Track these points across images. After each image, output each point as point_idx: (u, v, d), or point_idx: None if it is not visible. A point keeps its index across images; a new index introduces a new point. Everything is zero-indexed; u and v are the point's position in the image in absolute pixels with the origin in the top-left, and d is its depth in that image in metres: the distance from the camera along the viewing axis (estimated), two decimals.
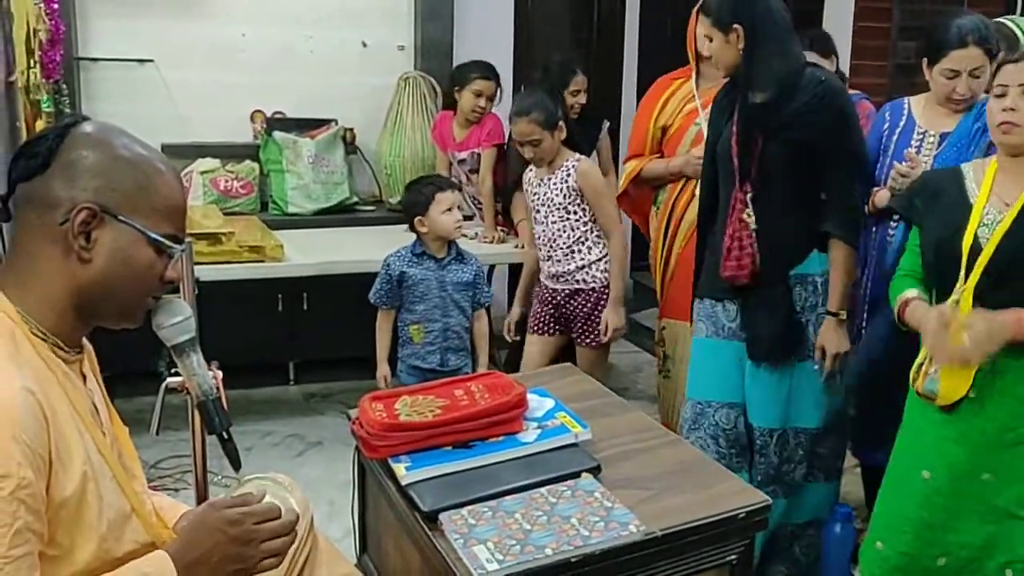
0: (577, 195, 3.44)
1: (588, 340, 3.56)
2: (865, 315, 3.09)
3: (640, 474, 1.99)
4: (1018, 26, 3.09)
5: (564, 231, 3.49)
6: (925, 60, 2.92)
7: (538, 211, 3.55)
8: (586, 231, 3.49)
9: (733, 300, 2.73)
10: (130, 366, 3.02)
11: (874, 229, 3.10)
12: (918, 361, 2.34)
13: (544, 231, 3.55)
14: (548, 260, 3.57)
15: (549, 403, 2.16)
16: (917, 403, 2.36)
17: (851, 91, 3.92)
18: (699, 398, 2.79)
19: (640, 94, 5.80)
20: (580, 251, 3.50)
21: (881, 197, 2.94)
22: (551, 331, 3.64)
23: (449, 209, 3.32)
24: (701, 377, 2.81)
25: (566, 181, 3.45)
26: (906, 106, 3.07)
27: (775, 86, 2.62)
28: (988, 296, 2.19)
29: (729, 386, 2.74)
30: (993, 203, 2.26)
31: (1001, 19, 3.19)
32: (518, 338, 3.78)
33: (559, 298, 3.57)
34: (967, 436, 2.26)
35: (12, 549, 1.24)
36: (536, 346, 3.67)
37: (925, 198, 2.40)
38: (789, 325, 2.66)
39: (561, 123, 3.47)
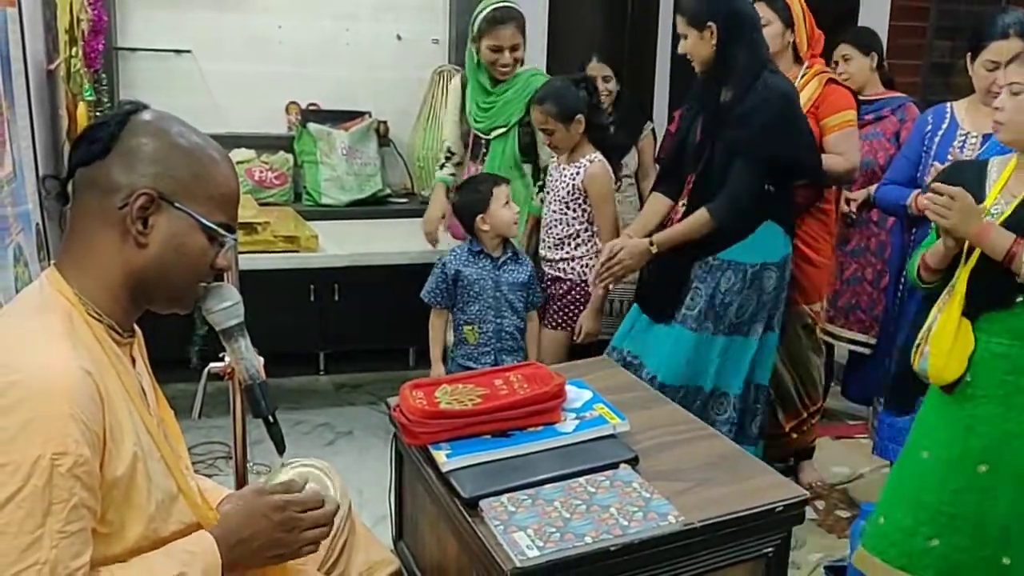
0: (580, 194, 3.41)
1: (552, 322, 3.53)
2: (898, 304, 3.10)
3: (677, 466, 2.00)
4: None
5: (559, 223, 3.47)
6: (968, 56, 2.93)
7: (546, 195, 3.56)
8: (580, 229, 3.46)
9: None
10: (162, 353, 3.07)
11: (914, 231, 3.11)
12: (916, 341, 2.37)
13: (545, 216, 3.54)
14: (542, 243, 3.57)
15: (587, 394, 2.17)
16: (932, 385, 2.39)
17: (896, 94, 3.92)
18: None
19: (672, 97, 5.84)
20: (568, 244, 3.48)
21: (923, 199, 2.95)
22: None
23: (507, 203, 3.31)
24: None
25: (574, 178, 3.41)
26: (948, 110, 3.08)
27: (738, 85, 2.85)
28: (980, 280, 2.23)
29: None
30: (1003, 195, 2.30)
31: None
32: None
33: (545, 281, 3.56)
34: (962, 419, 2.28)
35: (68, 524, 1.27)
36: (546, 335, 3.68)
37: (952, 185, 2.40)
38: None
39: (580, 117, 3.39)
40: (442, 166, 3.88)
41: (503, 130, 3.67)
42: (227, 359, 1.92)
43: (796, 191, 3.20)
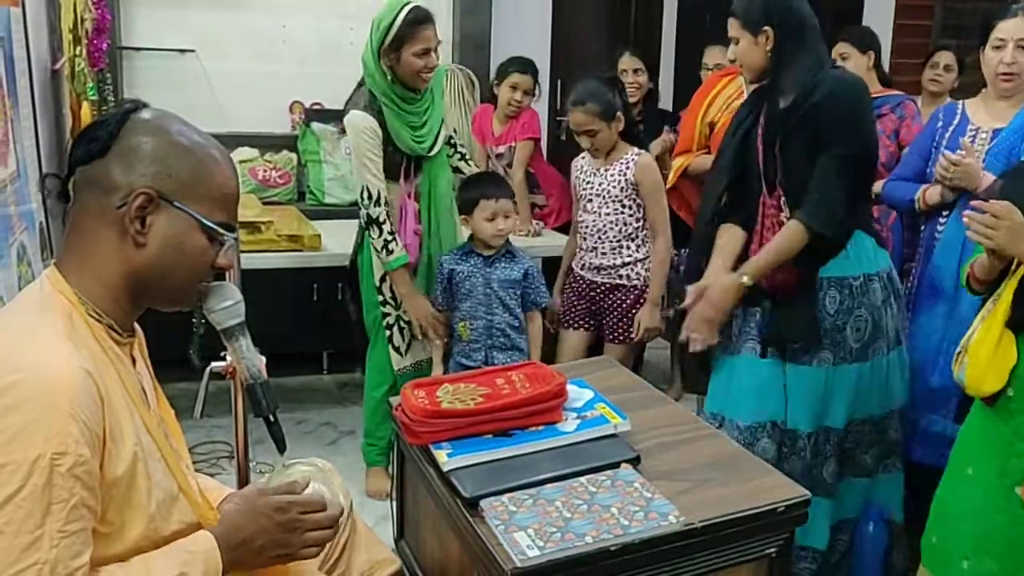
0: (634, 189, 3.42)
1: (619, 336, 3.55)
2: (910, 311, 3.08)
3: (679, 466, 1.99)
4: None
5: (616, 224, 3.47)
6: (980, 50, 2.93)
7: (590, 201, 3.52)
8: (637, 227, 3.48)
9: (760, 304, 2.70)
10: (162, 353, 3.07)
11: (923, 227, 3.11)
12: (957, 349, 2.27)
13: (595, 222, 3.51)
14: (592, 251, 3.54)
15: (588, 394, 2.16)
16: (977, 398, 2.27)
17: (894, 92, 3.92)
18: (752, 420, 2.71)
19: (678, 90, 5.84)
20: (628, 247, 3.48)
21: (931, 194, 2.96)
22: (585, 326, 3.63)
23: (491, 218, 3.25)
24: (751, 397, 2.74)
25: (624, 174, 3.42)
26: (959, 107, 3.09)
27: (798, 89, 2.58)
28: None
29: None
30: None
31: None
32: (555, 331, 3.77)
33: (596, 292, 3.55)
34: (1001, 435, 2.18)
35: (68, 524, 1.27)
36: (570, 341, 3.65)
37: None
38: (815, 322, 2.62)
39: (620, 114, 3.42)
40: (388, 243, 3.25)
41: (440, 143, 3.39)
42: (228, 358, 1.92)
43: None
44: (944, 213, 2.94)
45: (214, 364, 1.99)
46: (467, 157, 3.66)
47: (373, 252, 3.35)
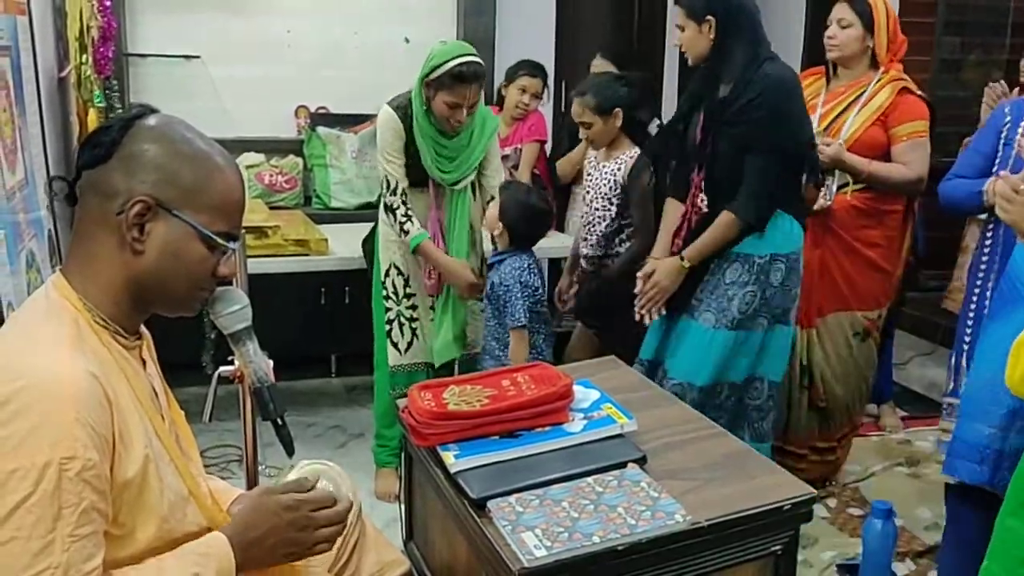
0: (622, 189, 3.44)
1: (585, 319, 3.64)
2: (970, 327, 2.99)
3: (685, 465, 2.00)
4: None
5: (603, 220, 3.51)
6: None
7: (587, 192, 3.57)
8: (624, 224, 3.50)
9: None
10: (174, 357, 3.09)
11: (990, 226, 3.05)
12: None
13: (587, 214, 3.56)
14: (584, 242, 3.60)
15: (595, 394, 2.17)
16: None
17: None
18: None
19: (681, 90, 5.82)
20: (613, 242, 3.52)
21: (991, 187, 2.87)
22: (588, 323, 3.66)
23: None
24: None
25: (615, 174, 3.45)
26: None
27: (736, 79, 2.78)
28: None
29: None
30: None
31: None
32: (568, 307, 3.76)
33: (577, 277, 3.62)
34: None
35: (79, 528, 1.28)
36: (578, 333, 3.73)
37: None
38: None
39: (618, 111, 3.43)
40: (403, 224, 3.30)
41: (470, 178, 3.39)
42: (236, 362, 1.93)
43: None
44: None
45: (222, 368, 2.00)
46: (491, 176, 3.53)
47: (383, 245, 3.40)
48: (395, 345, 3.45)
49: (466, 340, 3.50)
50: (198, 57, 4.73)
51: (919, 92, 3.37)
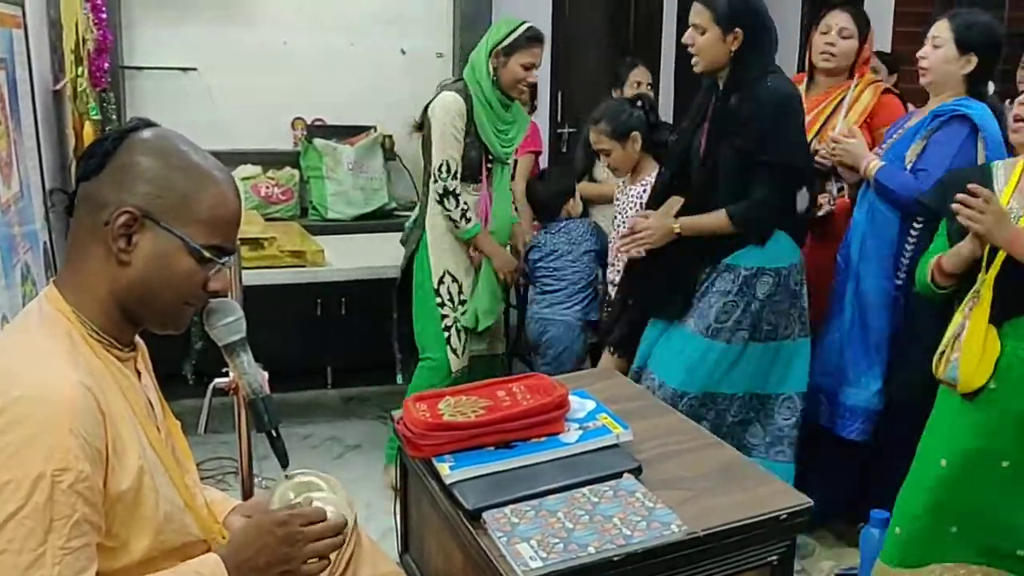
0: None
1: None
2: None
3: (681, 475, 2.00)
4: None
5: None
6: None
7: (616, 216, 3.56)
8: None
9: None
10: (169, 368, 3.10)
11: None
12: (940, 348, 2.35)
13: (613, 239, 3.53)
14: (611, 267, 3.56)
15: (590, 404, 2.17)
16: (943, 392, 2.39)
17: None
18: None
19: (678, 97, 5.84)
20: None
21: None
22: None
23: None
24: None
25: (641, 196, 3.40)
26: None
27: (744, 92, 2.76)
28: (1007, 286, 2.22)
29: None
30: (1016, 199, 2.29)
31: None
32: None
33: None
34: (985, 426, 2.28)
35: (71, 540, 1.27)
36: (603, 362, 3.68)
37: (954, 194, 2.37)
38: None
39: (635, 135, 3.43)
40: (466, 211, 3.49)
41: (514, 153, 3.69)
42: (231, 374, 1.93)
43: None
44: None
45: (217, 380, 2.00)
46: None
47: (435, 252, 3.51)
48: (454, 351, 3.54)
49: (506, 300, 3.78)
50: (194, 69, 4.72)
51: (895, 90, 3.48)
